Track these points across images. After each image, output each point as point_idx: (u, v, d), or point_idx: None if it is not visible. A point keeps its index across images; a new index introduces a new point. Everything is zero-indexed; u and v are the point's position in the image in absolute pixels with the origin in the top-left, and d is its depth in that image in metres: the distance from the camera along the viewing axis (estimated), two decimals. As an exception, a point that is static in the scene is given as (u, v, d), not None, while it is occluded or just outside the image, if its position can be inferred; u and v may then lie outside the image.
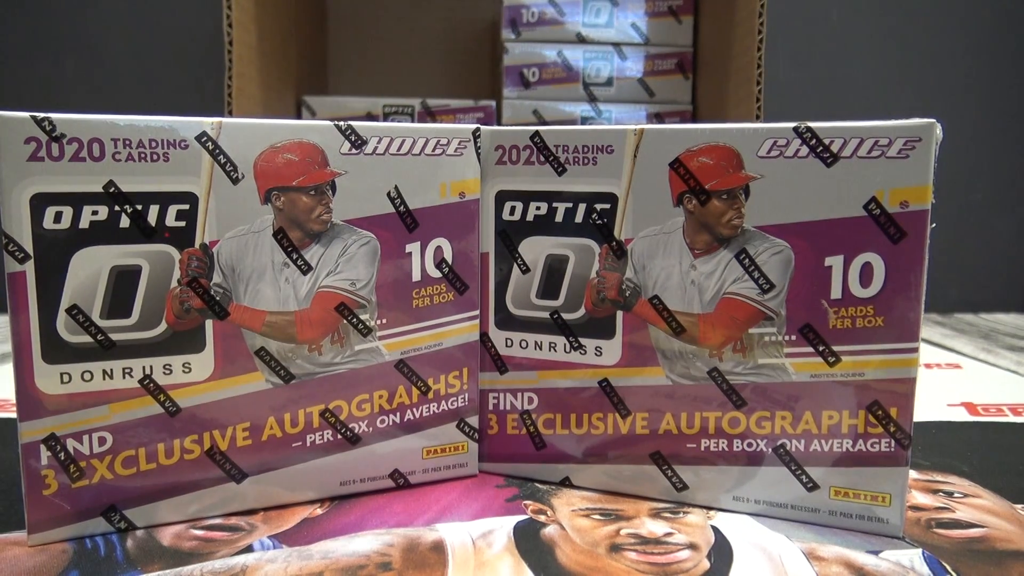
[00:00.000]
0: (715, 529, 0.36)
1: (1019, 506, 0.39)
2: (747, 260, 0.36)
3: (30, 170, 0.32)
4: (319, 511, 0.38)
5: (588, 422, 0.40)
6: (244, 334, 0.36)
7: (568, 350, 0.40)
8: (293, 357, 0.37)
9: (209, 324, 0.35)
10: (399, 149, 0.38)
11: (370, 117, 0.83)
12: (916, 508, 0.38)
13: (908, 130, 0.33)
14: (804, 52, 0.99)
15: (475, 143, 0.39)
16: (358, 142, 0.37)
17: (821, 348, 0.35)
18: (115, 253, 0.33)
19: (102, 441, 0.34)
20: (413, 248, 0.39)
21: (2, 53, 0.93)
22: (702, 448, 0.38)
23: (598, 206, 0.38)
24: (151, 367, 0.34)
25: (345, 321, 0.38)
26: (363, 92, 0.97)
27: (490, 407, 0.42)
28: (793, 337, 0.36)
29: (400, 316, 0.39)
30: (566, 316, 0.40)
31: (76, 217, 0.33)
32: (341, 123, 0.37)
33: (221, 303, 0.35)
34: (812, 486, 0.36)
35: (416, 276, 0.39)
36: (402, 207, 0.38)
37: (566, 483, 0.41)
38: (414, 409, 0.40)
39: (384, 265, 0.38)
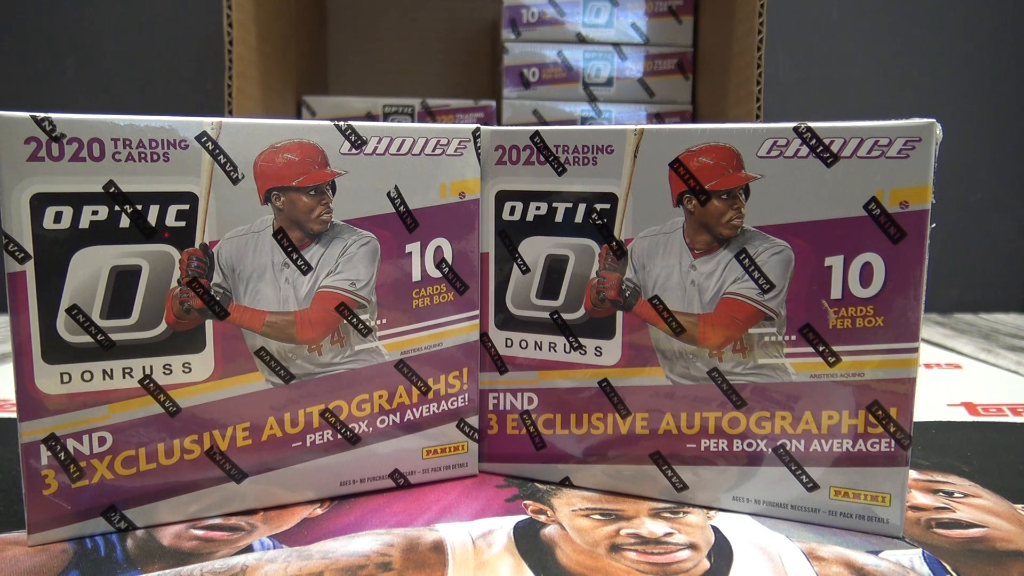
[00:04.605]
0: (715, 529, 0.36)
1: (1019, 506, 0.39)
2: (747, 260, 0.36)
3: (30, 170, 0.32)
4: (319, 511, 0.38)
5: (588, 422, 0.40)
6: (244, 334, 0.36)
7: (568, 350, 0.40)
8: (293, 357, 0.37)
9: (209, 324, 0.35)
10: (399, 149, 0.38)
11: (370, 117, 0.83)
12: (916, 508, 0.38)
13: (908, 130, 0.33)
14: (804, 52, 0.99)
15: (475, 143, 0.39)
16: (358, 142, 0.37)
17: (821, 348, 0.35)
18: (115, 253, 0.33)
19: (102, 441, 0.34)
20: (413, 248, 0.39)
21: (2, 53, 0.93)
22: (702, 448, 0.38)
23: (598, 206, 0.38)
24: (151, 367, 0.34)
25: (345, 321, 0.38)
26: (363, 92, 0.97)
27: (490, 407, 0.42)
28: (793, 337, 0.36)
29: (400, 316, 0.39)
30: (566, 316, 0.40)
31: (76, 217, 0.33)
32: (341, 123, 0.37)
33: (221, 303, 0.35)
34: (812, 486, 0.36)
35: (416, 276, 0.39)
36: (402, 207, 0.38)
37: (566, 483, 0.41)
38: (414, 409, 0.40)
39: (384, 265, 0.38)
